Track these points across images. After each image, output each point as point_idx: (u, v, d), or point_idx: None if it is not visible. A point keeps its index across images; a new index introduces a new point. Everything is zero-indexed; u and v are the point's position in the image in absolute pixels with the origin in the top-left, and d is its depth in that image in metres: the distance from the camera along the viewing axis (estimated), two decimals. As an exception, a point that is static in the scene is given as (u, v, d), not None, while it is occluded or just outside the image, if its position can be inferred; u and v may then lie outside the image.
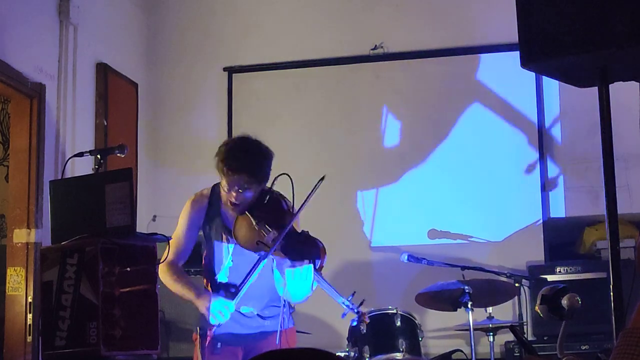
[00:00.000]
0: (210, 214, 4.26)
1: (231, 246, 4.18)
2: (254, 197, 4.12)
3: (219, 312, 4.04)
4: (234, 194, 4.08)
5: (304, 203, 4.05)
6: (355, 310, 4.09)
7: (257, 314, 4.22)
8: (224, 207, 4.22)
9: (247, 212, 4.10)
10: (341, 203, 7.00)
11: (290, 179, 4.03)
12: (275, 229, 4.05)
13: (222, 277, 4.21)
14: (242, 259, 4.15)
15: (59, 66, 6.21)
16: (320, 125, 7.18)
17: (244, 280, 4.06)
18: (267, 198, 4.13)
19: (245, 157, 4.09)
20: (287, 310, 4.25)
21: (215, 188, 4.28)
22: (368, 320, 4.27)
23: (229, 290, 4.12)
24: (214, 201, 4.26)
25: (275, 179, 4.15)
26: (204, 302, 4.13)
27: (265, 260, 4.01)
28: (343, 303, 4.06)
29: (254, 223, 4.07)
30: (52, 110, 6.08)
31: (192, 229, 4.28)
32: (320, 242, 4.09)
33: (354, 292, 4.13)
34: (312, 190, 4.06)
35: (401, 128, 7.08)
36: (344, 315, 4.09)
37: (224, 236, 4.21)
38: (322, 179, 4.07)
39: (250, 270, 4.03)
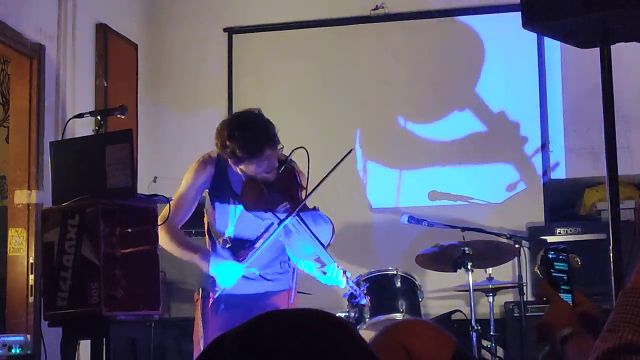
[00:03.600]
0: (217, 177, 4.20)
1: (238, 209, 4.12)
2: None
3: (227, 276, 4.04)
4: (269, 166, 4.06)
5: (326, 176, 4.10)
6: (358, 292, 4.21)
7: (260, 275, 4.21)
8: (231, 170, 4.17)
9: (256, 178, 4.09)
10: (341, 166, 6.98)
11: (307, 152, 4.04)
12: (287, 200, 4.05)
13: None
14: (247, 224, 4.13)
15: (58, 27, 6.18)
16: (320, 86, 7.16)
17: (252, 247, 4.06)
18: (282, 168, 4.12)
19: (257, 134, 4.00)
20: (294, 271, 4.27)
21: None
22: (369, 301, 4.40)
23: (238, 253, 4.11)
24: (221, 164, 4.20)
25: (292, 152, 4.12)
26: (212, 262, 4.09)
27: (277, 231, 4.01)
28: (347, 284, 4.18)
29: (265, 189, 4.06)
30: (52, 71, 6.06)
31: (197, 191, 4.20)
32: (329, 219, 4.14)
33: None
34: (338, 162, 4.14)
35: (401, 89, 7.06)
36: (345, 295, 4.18)
37: (231, 200, 4.16)
38: (350, 152, 4.17)
39: (260, 237, 4.04)
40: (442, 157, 6.87)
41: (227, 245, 4.16)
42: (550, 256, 2.30)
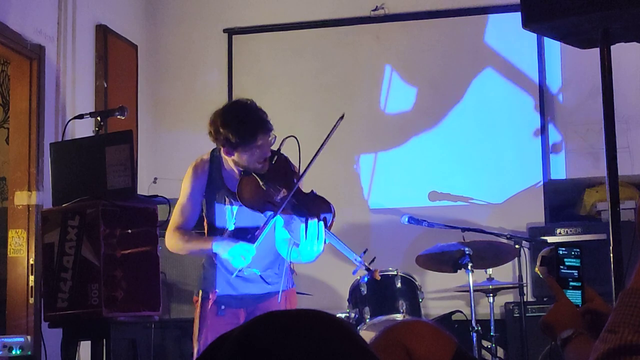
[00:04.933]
0: (212, 178, 4.22)
1: (235, 208, 4.14)
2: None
3: (241, 255, 4.00)
4: (262, 155, 4.07)
5: (321, 146, 4.08)
6: (365, 267, 4.10)
7: (260, 276, 4.21)
8: (225, 171, 4.21)
9: (253, 173, 4.09)
10: (341, 166, 6.99)
11: (297, 141, 4.05)
12: (284, 188, 4.06)
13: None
14: (246, 219, 4.14)
15: (58, 28, 6.18)
16: (320, 87, 7.16)
17: (257, 233, 4.06)
18: (275, 159, 4.13)
19: (250, 119, 4.05)
20: (289, 271, 4.26)
21: (215, 152, 4.27)
22: (380, 277, 4.20)
23: (246, 237, 4.11)
24: (214, 165, 4.23)
25: (283, 141, 4.14)
26: (223, 247, 4.07)
27: (276, 218, 4.00)
28: (355, 260, 4.09)
29: (261, 183, 4.06)
30: (52, 72, 6.06)
31: (196, 194, 4.23)
32: (328, 200, 4.11)
33: (366, 249, 4.15)
34: (332, 130, 4.11)
35: (402, 91, 7.05)
36: (355, 271, 4.11)
37: (227, 199, 4.17)
38: (342, 117, 4.12)
39: (262, 227, 4.03)
40: (442, 157, 6.87)
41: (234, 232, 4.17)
42: (561, 252, 2.30)
